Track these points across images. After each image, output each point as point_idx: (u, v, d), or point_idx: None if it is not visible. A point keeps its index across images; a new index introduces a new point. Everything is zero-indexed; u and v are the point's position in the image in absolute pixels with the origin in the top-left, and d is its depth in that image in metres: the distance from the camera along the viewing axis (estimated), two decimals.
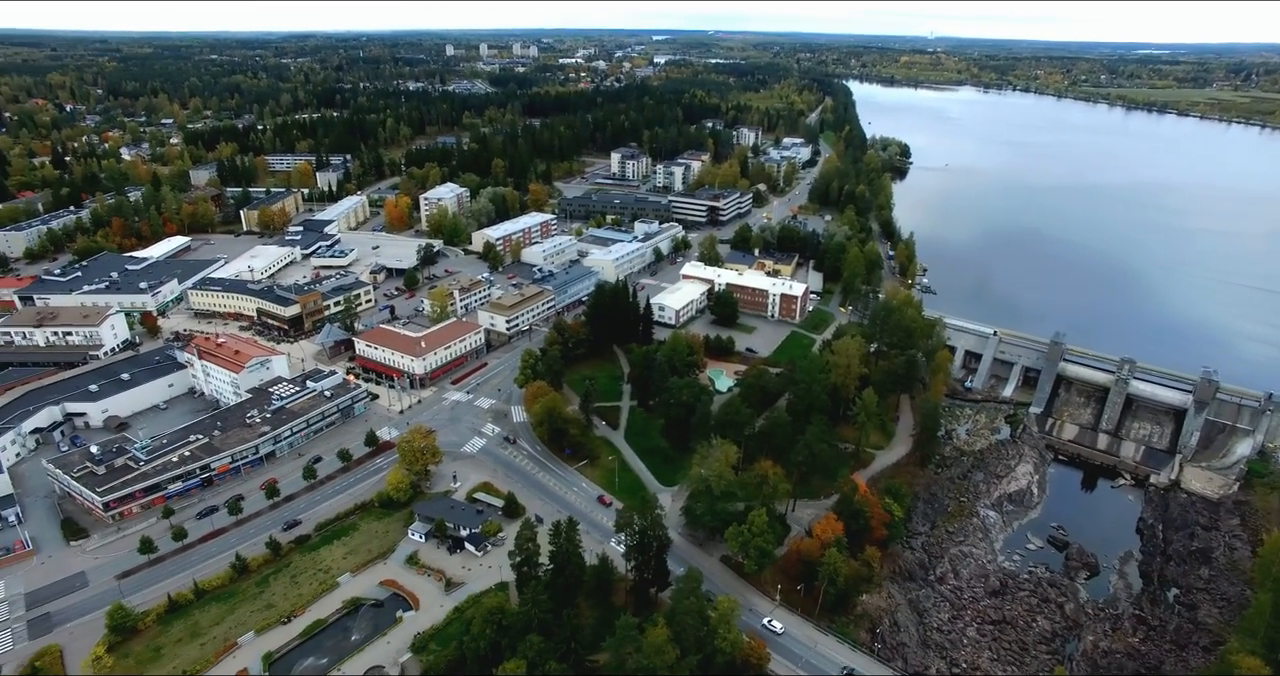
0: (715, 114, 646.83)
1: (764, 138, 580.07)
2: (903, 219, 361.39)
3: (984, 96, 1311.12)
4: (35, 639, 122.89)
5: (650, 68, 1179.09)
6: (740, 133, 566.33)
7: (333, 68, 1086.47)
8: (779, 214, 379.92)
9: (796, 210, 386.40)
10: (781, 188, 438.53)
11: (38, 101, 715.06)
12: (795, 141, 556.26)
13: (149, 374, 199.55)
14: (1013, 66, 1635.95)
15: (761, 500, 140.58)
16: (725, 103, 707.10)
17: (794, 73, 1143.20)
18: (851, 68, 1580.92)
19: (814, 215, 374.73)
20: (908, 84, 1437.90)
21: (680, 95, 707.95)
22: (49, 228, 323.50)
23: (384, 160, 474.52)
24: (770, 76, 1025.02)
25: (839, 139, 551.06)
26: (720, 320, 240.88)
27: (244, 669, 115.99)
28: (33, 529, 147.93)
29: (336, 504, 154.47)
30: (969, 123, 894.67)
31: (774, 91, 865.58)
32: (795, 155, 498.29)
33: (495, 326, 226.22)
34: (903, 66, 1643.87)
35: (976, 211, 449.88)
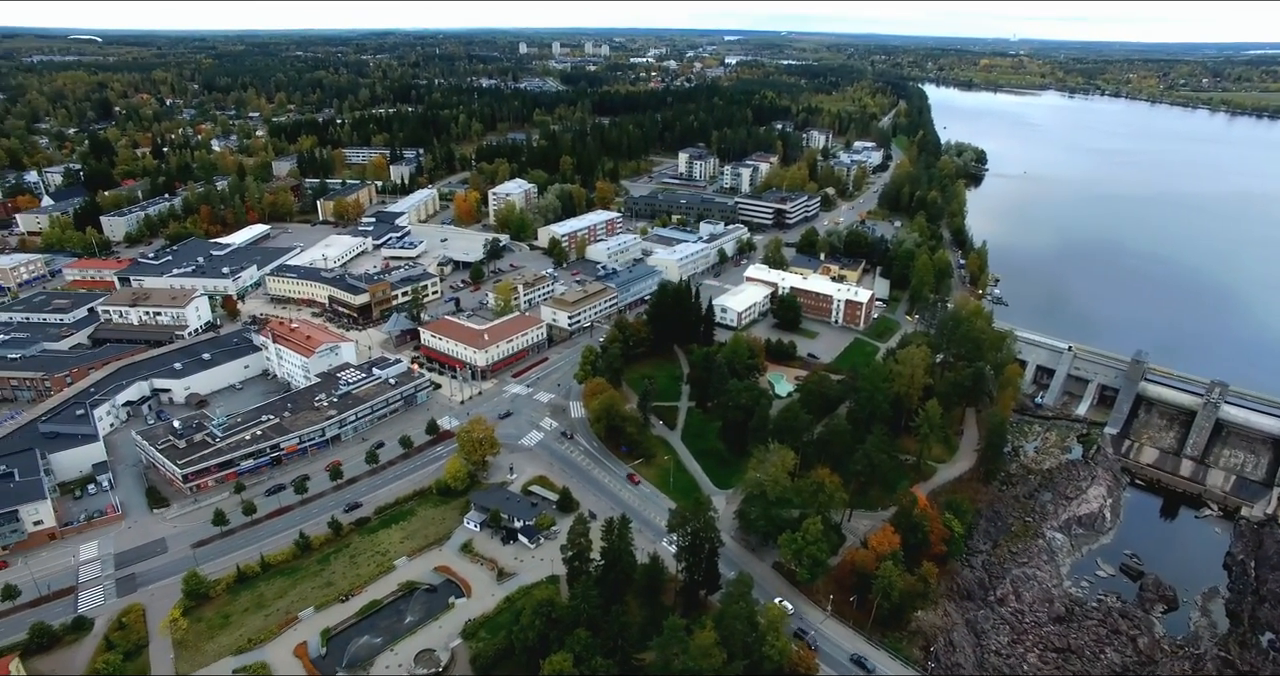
0: (785, 116, 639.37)
1: (834, 141, 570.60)
2: (976, 227, 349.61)
3: (1069, 101, 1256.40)
4: (122, 596, 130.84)
5: (721, 68, 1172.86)
6: (810, 135, 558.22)
7: (409, 64, 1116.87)
8: (847, 218, 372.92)
9: (865, 215, 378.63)
10: (850, 192, 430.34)
11: (143, 96, 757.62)
12: (866, 145, 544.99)
13: (227, 355, 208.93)
14: (1102, 70, 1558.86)
15: (817, 508, 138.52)
16: (796, 104, 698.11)
17: (867, 75, 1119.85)
18: (927, 71, 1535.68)
19: (883, 221, 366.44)
20: (986, 88, 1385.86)
21: (750, 96, 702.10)
22: (146, 214, 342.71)
23: (455, 155, 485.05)
24: (843, 79, 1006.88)
25: (912, 143, 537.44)
26: (782, 324, 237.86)
27: (303, 642, 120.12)
28: (122, 494, 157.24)
29: (396, 489, 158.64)
30: (1051, 128, 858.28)
31: (846, 94, 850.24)
32: (866, 159, 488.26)
33: (557, 322, 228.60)
34: (981, 70, 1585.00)
35: (1055, 221, 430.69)
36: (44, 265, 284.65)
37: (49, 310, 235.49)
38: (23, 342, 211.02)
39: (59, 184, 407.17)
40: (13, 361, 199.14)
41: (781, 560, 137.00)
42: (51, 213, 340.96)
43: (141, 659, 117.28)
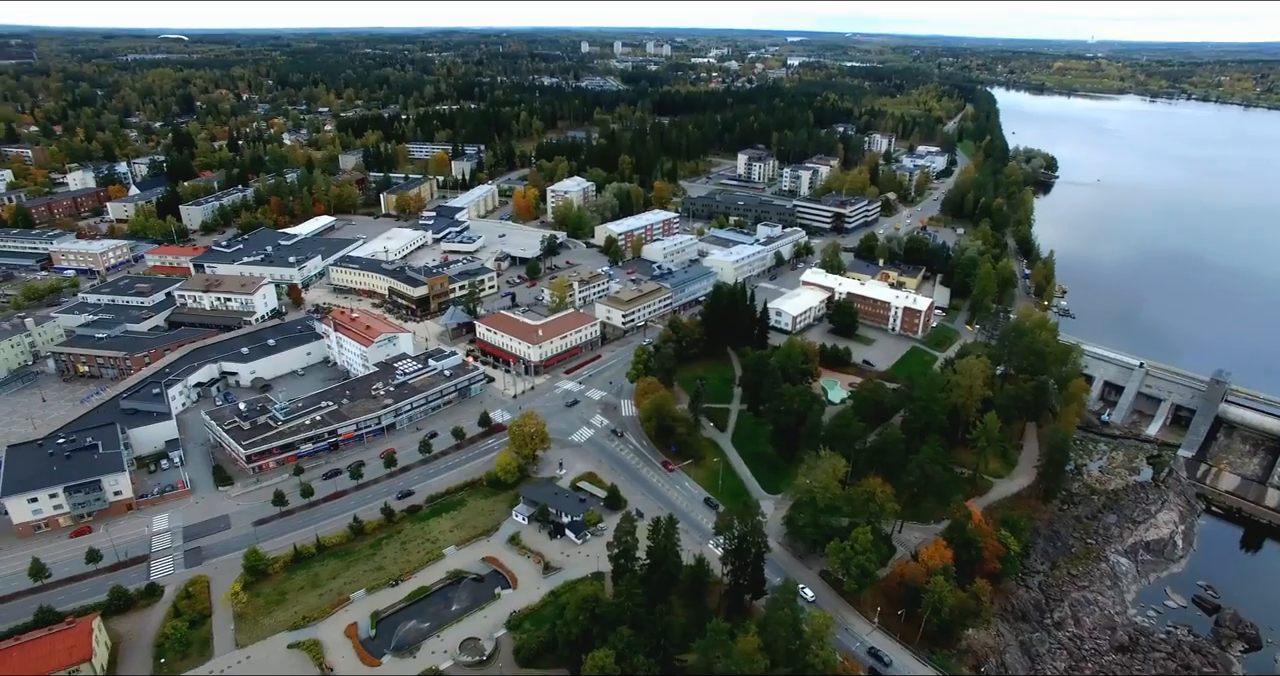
0: (847, 118, 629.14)
1: (897, 145, 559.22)
2: (1043, 236, 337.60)
3: (1150, 106, 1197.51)
4: (190, 568, 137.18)
5: (783, 69, 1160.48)
6: (872, 139, 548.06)
7: (473, 62, 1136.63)
8: (908, 224, 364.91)
9: (926, 221, 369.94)
10: (912, 197, 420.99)
11: (222, 92, 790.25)
12: (930, 150, 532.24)
13: (291, 341, 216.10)
14: (1189, 72, 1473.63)
15: (867, 518, 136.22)
16: (858, 107, 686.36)
17: (934, 78, 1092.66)
18: (997, 74, 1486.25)
19: (945, 227, 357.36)
20: (1060, 92, 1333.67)
21: (812, 98, 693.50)
22: (221, 204, 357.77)
23: (515, 152, 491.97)
24: (908, 81, 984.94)
25: (978, 149, 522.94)
26: (838, 330, 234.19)
27: (354, 623, 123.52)
28: (191, 471, 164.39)
29: (448, 479, 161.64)
30: (1129, 134, 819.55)
31: (911, 97, 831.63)
32: (929, 164, 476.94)
33: (611, 320, 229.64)
34: (1055, 73, 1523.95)
35: (1130, 232, 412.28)
36: (129, 251, 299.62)
37: (132, 293, 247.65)
38: (108, 323, 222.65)
39: (145, 174, 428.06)
40: (99, 341, 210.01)
41: (829, 569, 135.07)
42: (137, 201, 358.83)
43: (205, 628, 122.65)
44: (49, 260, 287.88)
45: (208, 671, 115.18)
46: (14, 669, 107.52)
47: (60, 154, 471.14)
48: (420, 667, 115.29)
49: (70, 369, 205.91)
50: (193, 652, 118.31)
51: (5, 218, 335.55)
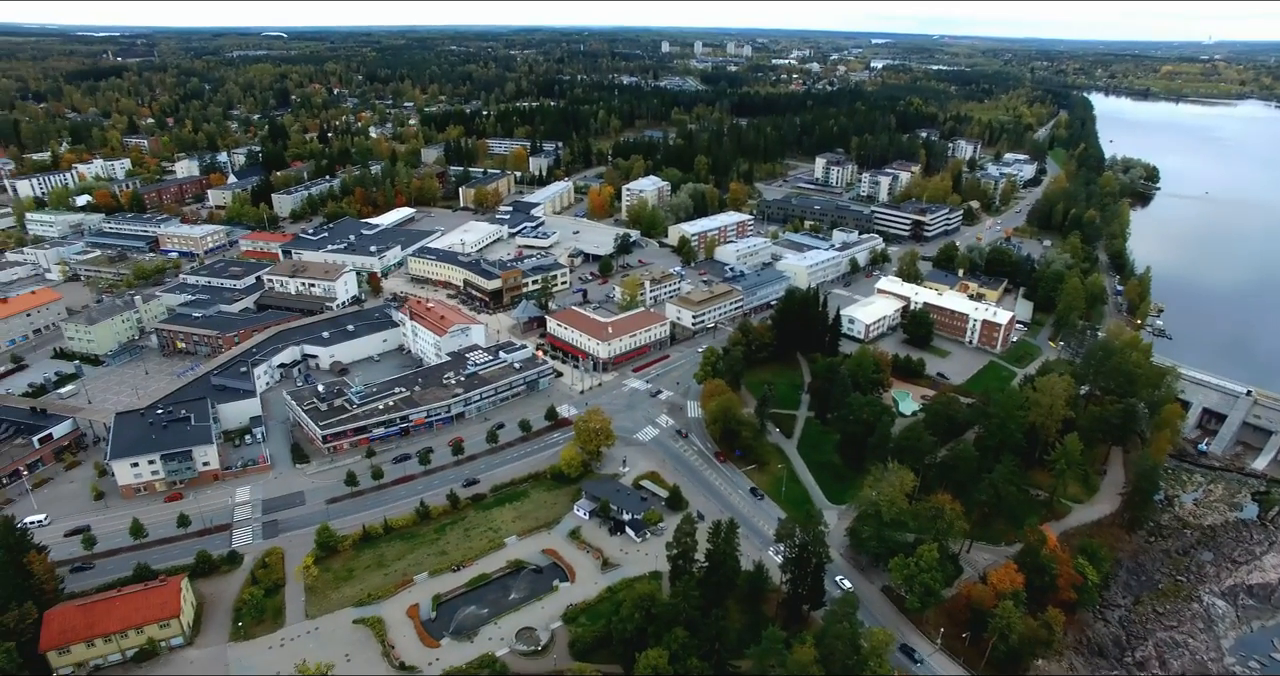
0: (931, 124, 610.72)
1: (983, 152, 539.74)
2: (1138, 251, 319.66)
3: (1273, 112, 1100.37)
4: (267, 539, 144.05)
5: (866, 72, 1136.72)
6: (957, 145, 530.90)
7: (554, 60, 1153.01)
8: (991, 235, 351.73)
9: (1011, 232, 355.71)
10: (997, 207, 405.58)
11: (315, 86, 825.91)
12: (1018, 158, 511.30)
13: (369, 328, 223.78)
14: None
15: (934, 535, 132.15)
16: (943, 112, 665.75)
17: (1025, 82, 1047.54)
18: (1096, 78, 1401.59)
19: (1031, 239, 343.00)
20: (1167, 98, 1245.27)
21: (895, 102, 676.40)
22: (309, 193, 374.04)
23: (593, 149, 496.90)
24: (997, 86, 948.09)
25: (1070, 157, 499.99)
26: (912, 340, 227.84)
27: (416, 604, 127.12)
28: (271, 447, 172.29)
29: (512, 469, 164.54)
30: (1247, 144, 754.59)
31: (1000, 102, 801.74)
32: (1017, 173, 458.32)
33: (681, 320, 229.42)
34: (1163, 77, 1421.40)
35: (1242, 251, 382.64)
36: (225, 236, 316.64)
37: (226, 276, 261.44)
38: (204, 304, 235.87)
39: (242, 164, 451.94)
40: (196, 319, 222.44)
41: (891, 584, 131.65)
42: (234, 189, 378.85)
43: (278, 597, 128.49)
44: (156, 242, 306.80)
45: (279, 638, 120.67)
46: (114, 617, 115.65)
47: (171, 144, 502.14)
48: (477, 652, 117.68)
49: (170, 345, 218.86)
50: (267, 619, 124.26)
51: (123, 202, 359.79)
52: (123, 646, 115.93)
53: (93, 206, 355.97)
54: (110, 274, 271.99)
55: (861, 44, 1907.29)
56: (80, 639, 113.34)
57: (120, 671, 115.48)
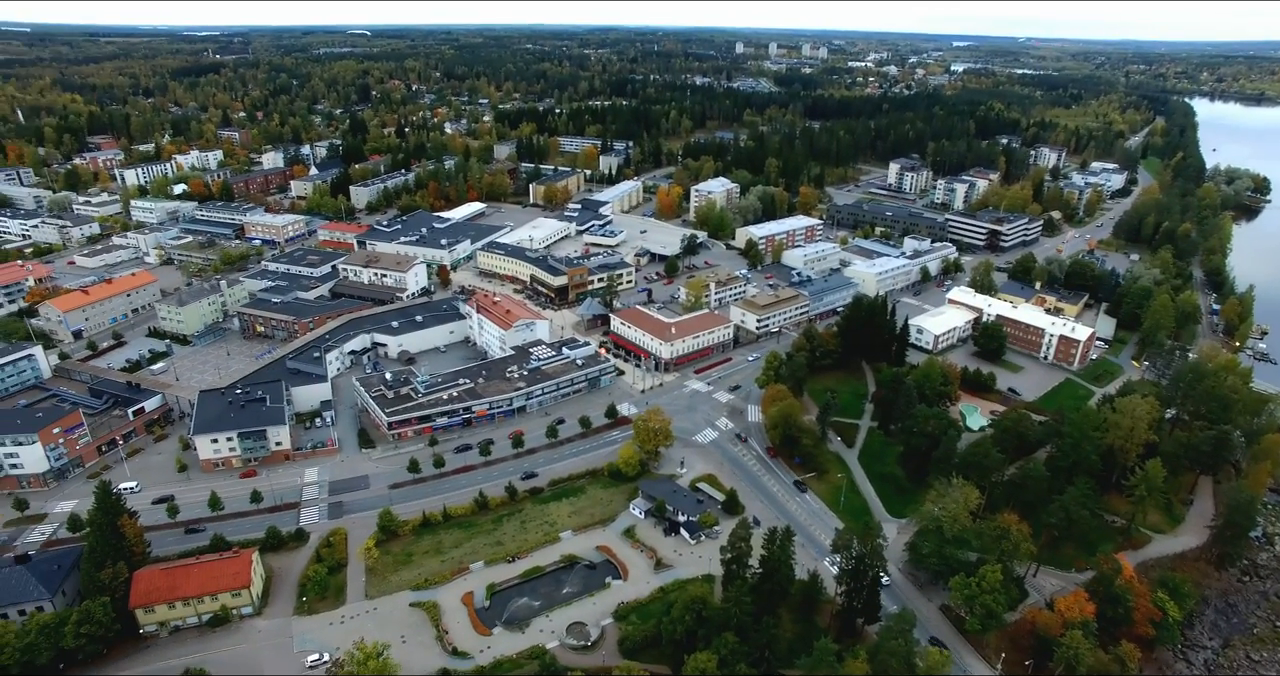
0: (1013, 130, 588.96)
1: (1068, 160, 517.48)
2: (1241, 268, 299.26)
3: None
4: (332, 519, 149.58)
5: (945, 76, 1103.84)
6: (1039, 152, 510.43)
7: (628, 59, 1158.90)
8: (1073, 247, 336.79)
9: (1095, 244, 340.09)
10: (1080, 218, 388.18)
11: (394, 82, 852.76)
12: (1107, 167, 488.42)
13: (436, 319, 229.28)
14: None
15: (998, 555, 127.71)
16: (1026, 118, 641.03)
17: (1118, 87, 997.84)
18: (1200, 82, 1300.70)
19: (1116, 252, 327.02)
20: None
21: (975, 107, 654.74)
22: (385, 186, 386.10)
23: (663, 149, 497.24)
24: (1086, 90, 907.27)
25: (1166, 167, 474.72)
26: (983, 353, 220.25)
27: (470, 592, 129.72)
28: (340, 431, 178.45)
29: (570, 465, 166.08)
30: None
31: (1088, 108, 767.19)
32: (1104, 182, 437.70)
33: (745, 323, 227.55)
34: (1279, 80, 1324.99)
35: None
36: (304, 225, 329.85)
37: (304, 264, 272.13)
38: (283, 290, 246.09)
39: (323, 157, 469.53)
40: (274, 305, 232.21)
41: (951, 603, 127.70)
42: (315, 181, 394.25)
43: (340, 576, 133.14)
44: (242, 230, 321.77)
45: (340, 615, 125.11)
46: (193, 582, 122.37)
47: (259, 137, 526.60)
48: (528, 643, 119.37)
49: (250, 328, 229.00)
50: (329, 596, 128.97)
51: (214, 191, 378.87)
52: (199, 610, 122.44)
53: (187, 195, 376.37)
54: (200, 259, 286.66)
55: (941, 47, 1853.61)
56: (163, 600, 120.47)
57: (196, 634, 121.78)
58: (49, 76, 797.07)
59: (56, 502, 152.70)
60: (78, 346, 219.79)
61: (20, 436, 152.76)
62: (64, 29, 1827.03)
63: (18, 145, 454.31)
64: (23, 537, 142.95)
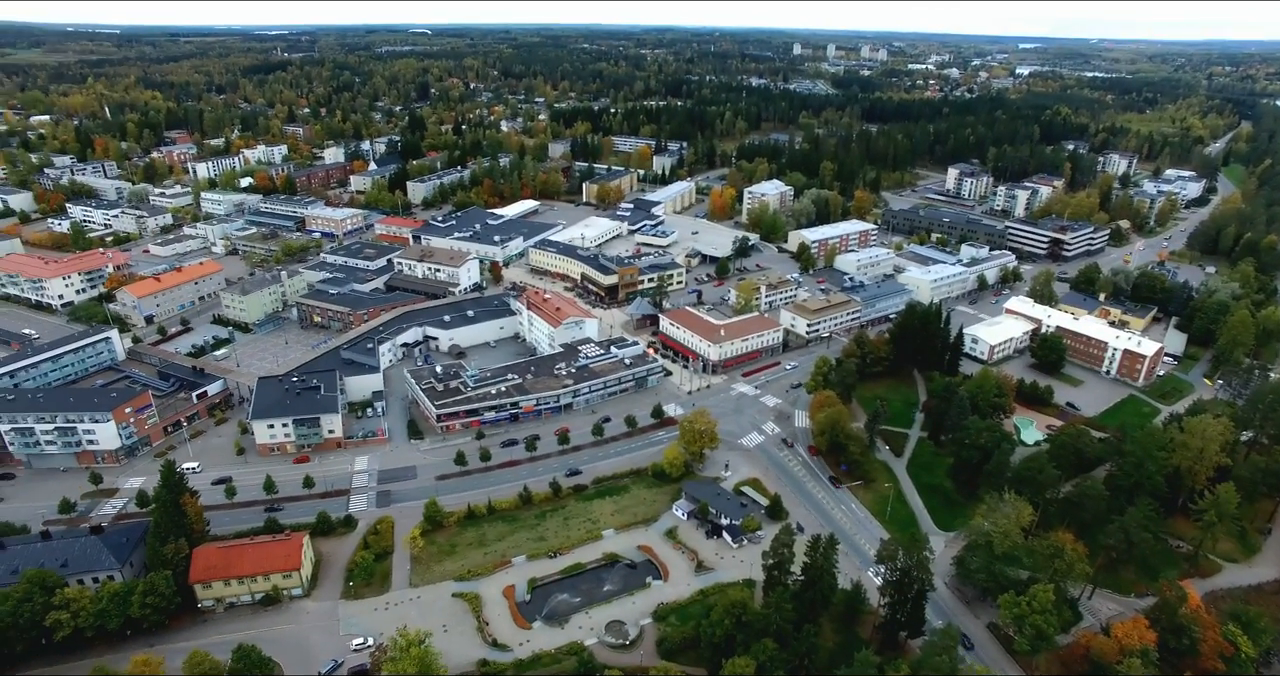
0: (1080, 135, 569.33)
1: (1139, 167, 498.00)
2: None
3: None
4: (380, 507, 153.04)
5: (1010, 79, 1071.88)
6: (1109, 159, 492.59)
7: (684, 60, 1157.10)
8: (1141, 257, 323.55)
9: (1166, 255, 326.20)
10: (1151, 227, 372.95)
11: (453, 80, 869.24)
12: (1182, 174, 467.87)
13: (487, 314, 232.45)
14: None
15: (1051, 575, 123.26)
16: (1095, 123, 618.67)
17: (1199, 90, 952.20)
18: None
19: (1190, 264, 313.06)
20: None
21: (1040, 111, 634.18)
22: (441, 182, 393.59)
23: (717, 150, 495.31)
24: (1163, 94, 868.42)
25: (1250, 175, 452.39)
26: (1041, 366, 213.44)
27: (512, 585, 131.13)
28: (390, 421, 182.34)
29: (615, 464, 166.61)
30: None
31: (1164, 113, 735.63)
32: (1179, 191, 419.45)
33: (795, 328, 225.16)
34: None
35: None
36: (362, 219, 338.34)
37: (361, 257, 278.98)
38: (340, 282, 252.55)
39: (382, 152, 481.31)
40: (331, 296, 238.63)
41: (999, 622, 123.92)
42: (374, 176, 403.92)
43: (386, 563, 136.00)
44: (303, 223, 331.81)
45: (385, 601, 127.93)
46: (247, 562, 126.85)
47: (322, 132, 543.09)
48: (566, 639, 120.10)
49: (308, 318, 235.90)
50: (375, 582, 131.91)
51: (278, 184, 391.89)
52: (252, 590, 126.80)
53: (253, 188, 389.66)
54: (263, 250, 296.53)
55: (1007, 49, 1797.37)
56: (220, 577, 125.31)
57: (249, 612, 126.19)
58: (134, 75, 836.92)
59: (127, 478, 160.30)
60: (149, 331, 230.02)
61: (96, 414, 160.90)
62: (150, 30, 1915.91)
63: (104, 140, 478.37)
64: (97, 510, 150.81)
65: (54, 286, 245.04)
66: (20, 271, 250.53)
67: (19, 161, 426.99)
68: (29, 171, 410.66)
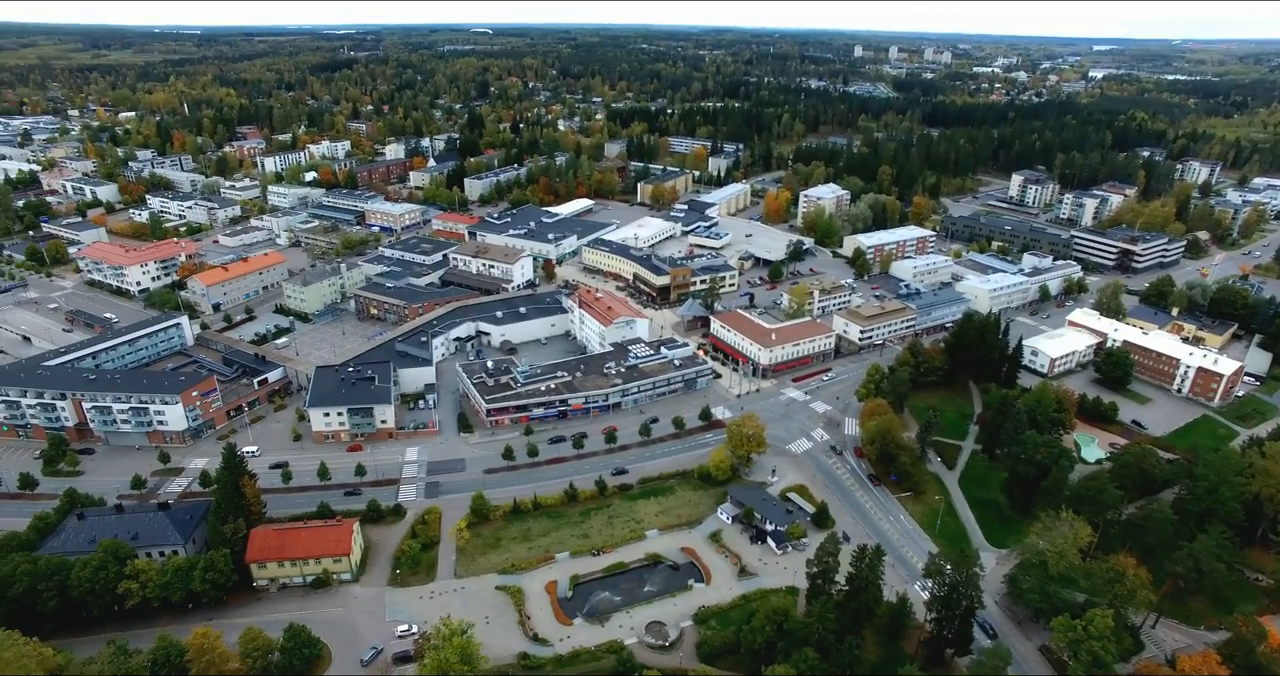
0: (1157, 141, 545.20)
1: (1223, 175, 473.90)
2: None
3: None
4: (428, 498, 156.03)
5: (1082, 82, 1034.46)
6: (1188, 166, 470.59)
7: (742, 61, 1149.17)
8: (1221, 271, 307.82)
9: (1250, 269, 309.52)
10: (1234, 239, 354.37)
11: (512, 79, 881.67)
12: (1273, 183, 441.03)
13: (539, 311, 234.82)
14: None
15: (1110, 600, 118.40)
16: (1174, 128, 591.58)
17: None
18: None
19: (1277, 279, 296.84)
20: None
21: (1114, 116, 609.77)
22: (497, 180, 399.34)
23: (773, 153, 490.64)
24: (1254, 97, 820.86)
25: None
26: (1106, 381, 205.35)
27: (554, 581, 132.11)
28: (441, 414, 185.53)
29: (661, 464, 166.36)
30: None
31: (1254, 117, 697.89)
32: (1268, 200, 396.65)
33: (848, 334, 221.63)
34: None
35: None
36: (420, 215, 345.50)
37: (417, 252, 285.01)
38: (397, 275, 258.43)
39: (441, 149, 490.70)
40: (388, 289, 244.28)
41: (1052, 645, 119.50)
42: (432, 172, 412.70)
43: (433, 553, 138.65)
44: (363, 217, 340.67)
45: (430, 590, 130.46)
46: (300, 545, 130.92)
47: (384, 129, 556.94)
48: (606, 637, 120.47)
49: (365, 310, 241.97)
50: (421, 571, 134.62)
51: (340, 179, 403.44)
52: (304, 572, 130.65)
53: (317, 182, 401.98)
54: (324, 242, 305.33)
55: (1080, 51, 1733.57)
56: (274, 558, 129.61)
57: (300, 593, 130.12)
58: (210, 73, 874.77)
59: (192, 459, 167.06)
60: (215, 318, 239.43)
61: (166, 396, 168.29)
62: (228, 30, 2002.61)
63: (182, 134, 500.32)
64: (164, 487, 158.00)
65: (132, 273, 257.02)
66: (104, 259, 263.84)
67: (108, 155, 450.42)
68: (115, 165, 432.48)
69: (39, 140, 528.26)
